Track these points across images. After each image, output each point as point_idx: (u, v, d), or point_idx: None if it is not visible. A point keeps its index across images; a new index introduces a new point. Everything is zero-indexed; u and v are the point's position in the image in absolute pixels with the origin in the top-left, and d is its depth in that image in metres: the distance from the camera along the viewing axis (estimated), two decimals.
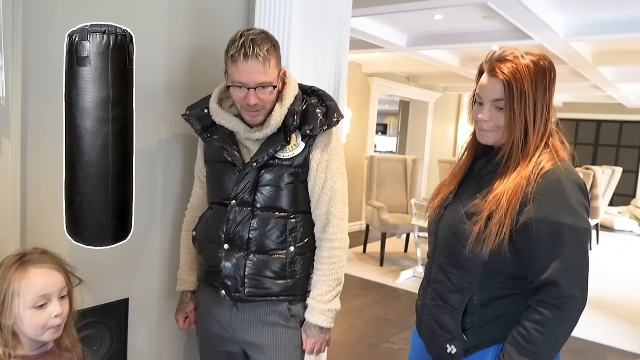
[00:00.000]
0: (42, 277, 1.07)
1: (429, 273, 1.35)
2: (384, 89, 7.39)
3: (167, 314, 1.77)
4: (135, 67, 1.53)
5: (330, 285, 1.46)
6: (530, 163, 1.17)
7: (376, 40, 4.81)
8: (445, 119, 9.06)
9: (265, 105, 1.40)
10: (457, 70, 6.43)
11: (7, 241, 1.26)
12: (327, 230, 1.47)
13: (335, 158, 1.48)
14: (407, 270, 4.96)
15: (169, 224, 1.74)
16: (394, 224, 5.24)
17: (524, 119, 1.17)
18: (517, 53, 1.20)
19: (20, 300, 1.05)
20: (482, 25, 4.45)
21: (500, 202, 1.15)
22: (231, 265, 1.44)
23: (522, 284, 1.19)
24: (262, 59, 1.33)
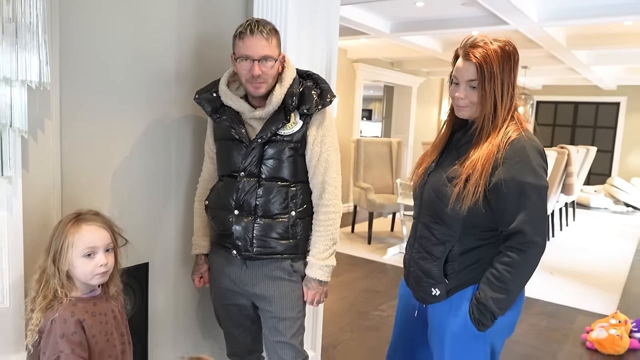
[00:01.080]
0: (91, 232, 1.27)
1: (415, 231, 1.57)
2: (369, 74, 7.57)
3: (183, 276, 1.96)
4: (150, 55, 1.71)
5: (327, 244, 1.67)
6: (499, 133, 1.38)
7: (361, 27, 4.99)
8: (428, 102, 9.29)
9: (267, 78, 1.59)
10: (439, 55, 6.63)
11: (50, 212, 1.45)
12: (323, 197, 1.67)
13: (328, 134, 1.68)
14: (394, 247, 5.20)
15: (182, 195, 1.93)
16: (381, 204, 5.47)
17: (494, 96, 1.38)
18: (486, 40, 1.41)
19: (73, 250, 1.25)
20: (461, 12, 4.65)
21: (476, 167, 1.36)
22: (241, 229, 1.64)
23: (493, 235, 1.42)
24: (265, 34, 1.55)
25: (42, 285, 1.25)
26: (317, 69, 2.12)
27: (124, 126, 1.70)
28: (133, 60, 1.69)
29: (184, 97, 1.87)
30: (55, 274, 1.24)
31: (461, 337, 1.41)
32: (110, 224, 1.33)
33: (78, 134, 1.55)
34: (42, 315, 1.24)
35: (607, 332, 3.08)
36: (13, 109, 1.27)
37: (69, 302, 1.26)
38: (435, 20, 4.95)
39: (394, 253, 5.13)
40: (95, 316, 1.29)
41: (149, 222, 1.83)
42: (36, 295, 1.26)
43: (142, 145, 1.77)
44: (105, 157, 1.66)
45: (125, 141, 1.71)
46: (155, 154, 1.82)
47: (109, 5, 1.60)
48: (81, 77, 1.55)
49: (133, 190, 1.76)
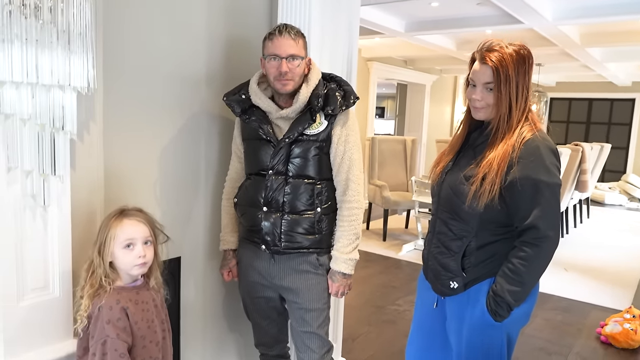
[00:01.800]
0: (131, 226, 1.38)
1: (434, 227, 1.65)
2: (383, 72, 7.63)
3: (211, 270, 2.07)
4: (182, 60, 1.81)
5: (350, 239, 1.76)
6: (514, 133, 1.46)
7: (376, 26, 5.06)
8: (442, 100, 9.32)
9: (294, 76, 1.68)
10: (453, 53, 6.67)
11: (94, 208, 1.56)
12: (346, 194, 1.76)
13: (352, 133, 1.77)
14: (409, 244, 5.27)
15: (210, 193, 2.03)
16: (396, 201, 5.54)
17: (509, 98, 1.46)
18: (502, 44, 1.48)
19: (115, 242, 1.37)
20: (476, 11, 4.70)
21: (492, 166, 1.44)
22: (269, 224, 1.74)
23: (509, 230, 1.49)
24: (293, 35, 1.66)
25: (90, 274, 1.37)
26: (339, 70, 2.20)
27: (158, 128, 1.80)
28: (167, 65, 1.79)
29: (212, 99, 1.97)
30: (101, 264, 1.36)
31: (479, 327, 1.49)
32: (150, 220, 1.43)
33: (118, 136, 1.66)
34: (90, 302, 1.35)
35: (622, 327, 3.13)
36: (65, 113, 1.37)
37: (114, 291, 1.37)
38: (450, 19, 5.00)
39: (408, 249, 5.20)
40: (137, 304, 1.40)
41: (181, 217, 1.93)
42: (85, 284, 1.37)
43: (174, 145, 1.87)
44: (141, 157, 1.76)
45: (158, 142, 1.81)
46: (186, 154, 1.92)
47: (146, 14, 1.70)
48: (121, 82, 1.65)
49: (166, 188, 1.86)
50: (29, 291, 1.40)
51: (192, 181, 1.96)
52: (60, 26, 1.31)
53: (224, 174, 2.01)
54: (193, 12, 1.86)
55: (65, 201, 1.44)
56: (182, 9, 1.83)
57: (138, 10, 1.67)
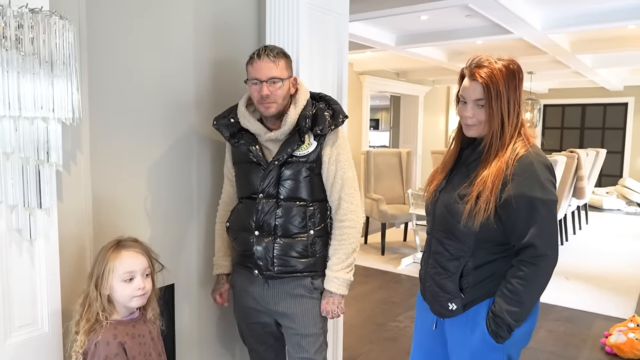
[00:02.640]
0: (130, 258, 1.36)
1: (429, 246, 1.62)
2: (376, 85, 7.66)
3: (206, 296, 2.04)
4: (167, 81, 1.80)
5: (341, 258, 1.73)
6: (507, 150, 1.44)
7: (367, 41, 5.08)
8: (435, 111, 9.35)
9: (277, 99, 1.67)
10: (444, 64, 6.71)
11: (83, 239, 1.53)
12: (338, 212, 1.74)
13: (343, 152, 1.75)
14: (408, 257, 5.24)
15: (203, 217, 2.00)
16: (393, 214, 5.52)
17: (501, 114, 1.44)
18: (491, 59, 1.47)
19: (114, 275, 1.34)
20: (465, 23, 4.73)
21: (486, 184, 1.42)
22: (262, 249, 1.71)
23: (506, 249, 1.47)
24: (272, 57, 1.65)
25: (85, 309, 1.34)
26: (329, 88, 2.20)
27: (147, 154, 1.78)
28: (154, 90, 1.78)
29: (202, 122, 1.96)
30: (97, 298, 1.33)
31: (480, 350, 1.46)
32: (147, 250, 1.41)
33: (106, 164, 1.64)
34: (85, 338, 1.32)
35: (626, 336, 3.09)
36: (49, 145, 1.35)
37: (110, 325, 1.34)
38: (440, 31, 5.03)
39: (407, 263, 5.17)
40: (134, 338, 1.37)
41: (173, 244, 1.91)
42: (80, 319, 1.34)
43: (164, 171, 1.85)
44: (131, 184, 1.74)
45: (148, 168, 1.79)
46: (177, 179, 1.90)
47: (132, 39, 1.69)
48: (108, 110, 1.64)
49: (158, 215, 1.84)
50: (17, 328, 1.37)
51: (184, 206, 1.94)
52: (42, 57, 1.30)
53: (217, 198, 1.99)
54: (180, 35, 1.86)
55: (53, 234, 1.41)
56: (169, 32, 1.82)
57: (124, 36, 1.67)
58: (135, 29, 1.70)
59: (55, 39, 1.31)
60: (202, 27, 1.93)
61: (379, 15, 4.05)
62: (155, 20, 1.77)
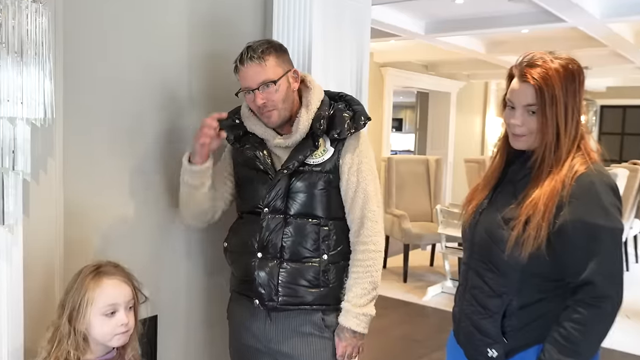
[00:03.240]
0: (113, 288, 1.35)
1: (466, 279, 1.60)
2: (400, 79, 7.65)
3: (194, 329, 2.03)
4: (157, 76, 1.80)
5: (366, 289, 1.71)
6: (564, 167, 1.42)
7: (391, 28, 5.09)
8: (470, 111, 9.32)
9: (275, 104, 1.68)
10: (482, 56, 6.69)
11: (52, 261, 1.54)
12: (361, 233, 1.73)
13: (365, 160, 1.75)
14: (435, 286, 5.20)
15: (195, 237, 1.99)
16: (418, 234, 5.49)
17: (556, 123, 1.42)
18: (546, 57, 1.45)
19: (93, 308, 1.33)
20: (508, 9, 4.72)
21: (537, 207, 1.40)
22: (265, 274, 1.70)
23: (559, 286, 1.44)
24: (257, 59, 1.65)
25: (55, 346, 1.33)
26: (347, 86, 2.19)
27: (131, 160, 1.78)
28: (141, 88, 1.79)
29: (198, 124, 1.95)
30: (70, 334, 1.32)
31: None
32: (132, 278, 1.41)
33: (82, 174, 1.64)
34: None
35: None
36: (16, 150, 1.35)
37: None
38: (478, 18, 5.03)
39: (435, 293, 5.13)
40: None
41: (158, 268, 1.90)
42: (47, 356, 1.33)
43: (152, 182, 1.85)
44: (111, 196, 1.74)
45: (132, 178, 1.79)
46: (165, 191, 1.90)
47: (117, 31, 1.70)
48: (85, 109, 1.64)
49: (140, 233, 1.84)
50: None
51: (172, 223, 1.93)
52: (10, 45, 1.30)
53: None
54: (173, 24, 1.86)
55: (17, 255, 1.41)
56: (161, 21, 1.83)
57: (107, 24, 1.67)
58: (120, 16, 1.71)
59: (27, 24, 1.32)
60: (198, 15, 1.94)
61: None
62: (145, 7, 1.77)
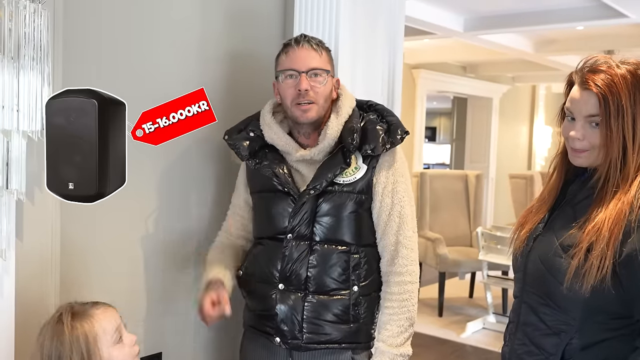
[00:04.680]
0: (105, 314, 1.39)
1: (518, 315, 1.59)
2: (434, 83, 7.68)
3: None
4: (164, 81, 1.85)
5: (403, 326, 1.71)
6: (632, 187, 1.41)
7: (426, 25, 5.11)
8: (515, 119, 9.29)
9: (318, 98, 1.70)
10: (529, 56, 6.68)
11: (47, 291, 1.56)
12: (395, 263, 1.73)
13: (401, 180, 1.76)
14: (475, 321, 5.16)
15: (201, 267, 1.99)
16: (455, 260, 5.46)
17: (622, 137, 1.41)
18: (611, 62, 1.45)
19: (103, 342, 1.35)
20: (560, 3, 4.72)
21: (601, 232, 1.39)
22: (288, 308, 1.71)
23: (626, 324, 1.43)
24: (314, 45, 1.70)
25: None
26: (377, 93, 2.21)
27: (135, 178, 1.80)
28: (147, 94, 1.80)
29: (209, 137, 1.97)
30: None
31: None
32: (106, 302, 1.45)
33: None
34: None
35: None
36: (10, 166, 1.38)
37: None
38: (525, 13, 5.03)
39: (475, 329, 5.09)
40: None
41: (163, 299, 1.93)
42: None
43: (156, 202, 1.88)
44: (113, 219, 1.76)
45: (135, 198, 1.82)
46: (173, 214, 1.93)
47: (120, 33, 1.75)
48: None
49: (144, 261, 1.86)
50: None
51: (179, 249, 1.96)
52: (6, 48, 1.34)
53: None
54: (182, 24, 1.91)
55: (8, 285, 1.44)
56: (169, 21, 1.87)
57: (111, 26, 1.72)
58: (126, 17, 1.75)
59: (24, 26, 1.36)
60: (210, 14, 1.98)
61: None
62: (152, 7, 1.82)
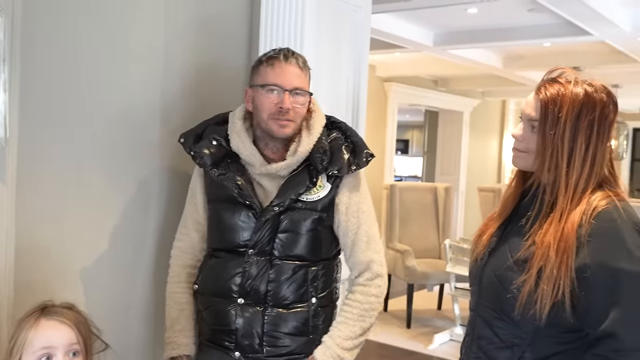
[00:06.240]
0: (48, 329, 1.34)
1: (473, 328, 1.60)
2: (405, 96, 7.72)
3: None
4: (125, 88, 1.84)
5: (355, 333, 1.72)
6: (581, 202, 1.42)
7: (396, 39, 5.16)
8: (485, 132, 9.38)
9: (297, 117, 1.71)
10: (498, 71, 6.77)
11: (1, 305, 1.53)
12: (363, 276, 1.77)
13: (365, 200, 1.79)
14: (443, 333, 5.18)
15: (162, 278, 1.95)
16: (424, 272, 5.49)
17: (556, 149, 1.42)
18: (572, 78, 1.46)
19: (27, 352, 1.32)
20: (527, 20, 4.80)
21: (548, 255, 1.39)
22: (248, 322, 1.70)
23: (578, 337, 1.44)
24: (301, 63, 1.71)
25: None
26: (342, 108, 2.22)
27: (92, 187, 1.81)
28: (107, 104, 1.82)
29: (169, 142, 1.97)
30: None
31: None
32: (80, 321, 1.40)
33: (37, 201, 1.66)
34: None
35: None
36: None
37: None
38: (494, 29, 5.11)
39: (443, 341, 5.11)
40: None
41: (124, 312, 1.91)
42: None
43: (113, 211, 1.87)
44: (67, 229, 1.75)
45: (93, 206, 1.81)
46: (132, 222, 1.91)
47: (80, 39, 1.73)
48: (45, 129, 1.67)
49: (102, 272, 1.85)
50: None
51: (136, 262, 1.95)
52: None
53: None
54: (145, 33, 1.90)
55: None
56: (131, 29, 1.87)
57: (70, 33, 1.71)
58: (86, 25, 1.74)
59: None
60: (174, 22, 1.98)
61: (413, 6, 4.12)
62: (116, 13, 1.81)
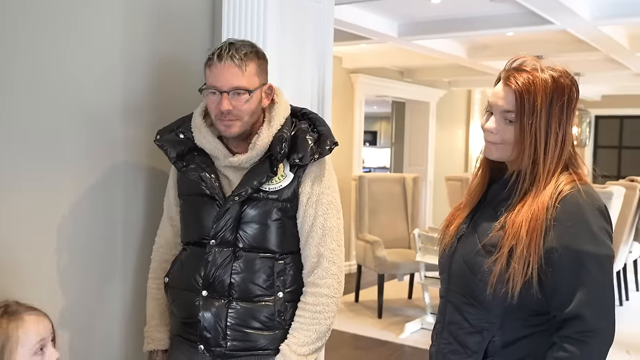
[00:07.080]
0: (34, 323, 1.38)
1: (444, 315, 1.62)
2: (372, 88, 7.75)
3: None
4: (85, 83, 1.81)
5: (310, 337, 1.71)
6: (548, 187, 1.45)
7: (361, 30, 5.17)
8: (452, 122, 9.48)
9: (241, 115, 1.68)
10: (463, 61, 6.83)
11: None
12: (315, 274, 1.73)
13: (327, 192, 1.77)
14: (414, 322, 5.22)
15: (132, 271, 1.98)
16: (394, 262, 5.51)
17: (534, 137, 1.45)
18: (536, 65, 1.49)
19: (21, 349, 1.33)
20: (489, 10, 4.85)
21: (520, 236, 1.42)
22: (211, 315, 1.69)
23: (545, 320, 1.47)
24: (237, 61, 1.65)
25: None
26: (307, 99, 2.22)
27: (55, 184, 1.77)
28: (63, 98, 1.78)
29: (133, 139, 1.96)
30: None
31: None
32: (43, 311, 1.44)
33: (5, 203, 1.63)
34: None
35: None
36: None
37: None
38: (457, 19, 5.15)
39: (414, 330, 5.15)
40: None
41: (86, 309, 1.88)
42: None
43: (78, 208, 1.84)
44: (32, 228, 1.72)
45: (56, 204, 1.78)
46: (94, 216, 1.88)
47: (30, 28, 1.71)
48: (2, 125, 1.64)
49: (67, 272, 1.82)
50: None
51: (105, 257, 1.92)
52: None
53: (150, 246, 1.96)
54: (103, 26, 1.87)
55: None
56: (89, 22, 1.84)
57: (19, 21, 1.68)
58: (43, 19, 1.71)
59: None
60: (134, 15, 1.95)
61: None
62: (72, 10, 1.78)
